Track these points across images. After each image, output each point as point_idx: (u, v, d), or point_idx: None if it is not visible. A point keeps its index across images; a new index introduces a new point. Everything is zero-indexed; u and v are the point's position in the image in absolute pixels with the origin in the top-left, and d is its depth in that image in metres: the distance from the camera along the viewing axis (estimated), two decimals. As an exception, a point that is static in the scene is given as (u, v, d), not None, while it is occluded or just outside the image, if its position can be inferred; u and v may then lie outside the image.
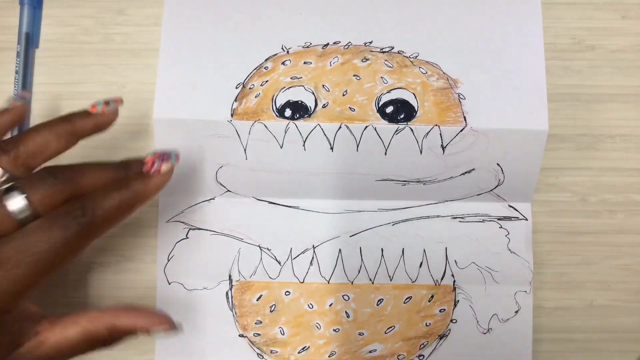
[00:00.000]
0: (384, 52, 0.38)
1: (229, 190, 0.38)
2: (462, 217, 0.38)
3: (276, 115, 0.37)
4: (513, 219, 0.38)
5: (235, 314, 0.38)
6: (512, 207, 0.39)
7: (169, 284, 0.38)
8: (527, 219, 0.39)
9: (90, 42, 0.40)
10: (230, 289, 0.38)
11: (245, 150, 0.37)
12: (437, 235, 0.38)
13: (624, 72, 0.40)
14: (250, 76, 0.38)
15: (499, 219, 0.38)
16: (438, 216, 0.38)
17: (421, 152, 0.37)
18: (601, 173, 0.40)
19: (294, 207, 0.38)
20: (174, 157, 0.31)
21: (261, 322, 0.38)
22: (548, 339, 0.39)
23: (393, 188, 0.38)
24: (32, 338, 0.28)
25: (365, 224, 0.38)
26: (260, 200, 0.38)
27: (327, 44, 0.39)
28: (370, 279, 0.38)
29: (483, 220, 0.38)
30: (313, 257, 0.38)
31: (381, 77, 0.38)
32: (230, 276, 0.38)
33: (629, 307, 0.39)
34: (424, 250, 0.38)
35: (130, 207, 0.29)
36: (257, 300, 0.38)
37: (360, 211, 0.38)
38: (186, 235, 0.38)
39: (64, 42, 0.40)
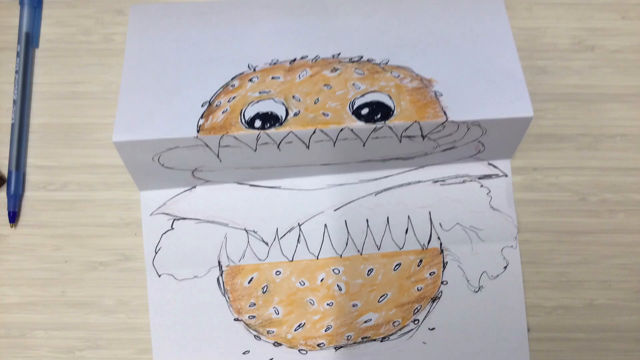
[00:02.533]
0: (353, 61, 0.38)
1: (209, 181, 0.38)
2: (442, 180, 0.39)
3: (245, 127, 0.35)
4: (493, 176, 0.39)
5: (229, 298, 0.38)
6: (492, 165, 0.39)
7: (159, 276, 0.38)
8: (507, 175, 0.39)
9: (90, 42, 0.40)
10: (221, 275, 0.38)
11: (217, 156, 0.36)
12: (419, 200, 0.39)
13: (624, 72, 0.40)
14: (216, 94, 0.37)
15: (479, 178, 0.39)
16: (419, 181, 0.39)
17: (400, 142, 0.37)
18: (601, 173, 0.40)
19: (275, 187, 0.39)
20: None
21: (255, 304, 0.38)
22: (548, 338, 0.39)
23: (373, 164, 0.38)
24: None
25: (348, 196, 0.39)
26: (241, 184, 0.39)
27: (295, 59, 0.38)
28: (359, 251, 0.38)
29: (464, 181, 0.39)
30: (300, 235, 0.38)
31: (353, 84, 0.37)
32: (219, 262, 0.38)
33: (629, 306, 0.39)
34: (409, 217, 0.39)
35: None
36: (248, 283, 0.38)
37: (342, 185, 0.39)
38: (171, 226, 0.38)
39: (64, 42, 0.41)
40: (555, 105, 0.40)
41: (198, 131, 0.35)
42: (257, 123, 0.35)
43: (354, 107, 0.36)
